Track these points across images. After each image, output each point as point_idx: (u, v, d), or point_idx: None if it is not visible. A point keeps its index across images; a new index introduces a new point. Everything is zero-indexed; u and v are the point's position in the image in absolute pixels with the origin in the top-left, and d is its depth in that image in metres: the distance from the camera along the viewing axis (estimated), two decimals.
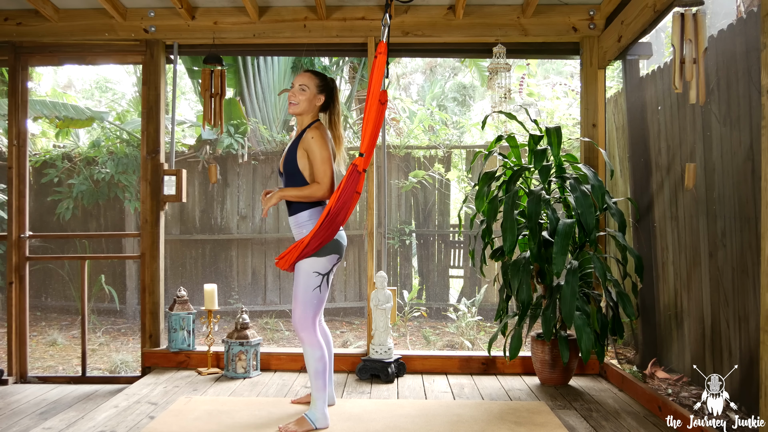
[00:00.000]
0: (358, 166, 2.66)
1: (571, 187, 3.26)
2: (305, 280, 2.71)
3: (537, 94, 7.35)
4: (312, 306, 2.72)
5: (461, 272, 6.70)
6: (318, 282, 2.71)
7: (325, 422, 2.74)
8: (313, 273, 2.71)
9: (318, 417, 2.73)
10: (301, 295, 2.72)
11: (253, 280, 6.69)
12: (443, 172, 6.49)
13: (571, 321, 3.12)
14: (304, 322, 2.72)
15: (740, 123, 3.00)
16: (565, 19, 3.80)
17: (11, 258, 3.95)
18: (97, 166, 6.63)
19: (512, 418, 2.91)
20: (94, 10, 3.86)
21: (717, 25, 5.16)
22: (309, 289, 2.71)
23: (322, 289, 2.73)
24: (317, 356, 2.73)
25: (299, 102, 2.81)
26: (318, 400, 2.74)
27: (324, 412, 2.75)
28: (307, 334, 2.72)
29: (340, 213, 2.66)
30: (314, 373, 2.74)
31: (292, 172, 2.79)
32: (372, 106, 2.69)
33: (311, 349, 2.73)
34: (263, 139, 6.84)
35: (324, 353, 2.75)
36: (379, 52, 2.70)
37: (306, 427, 2.70)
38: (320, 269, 2.72)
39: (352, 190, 2.66)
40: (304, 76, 2.86)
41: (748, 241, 2.91)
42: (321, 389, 2.75)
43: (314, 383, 2.75)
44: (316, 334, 2.74)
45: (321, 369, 2.74)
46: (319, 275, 2.72)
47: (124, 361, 5.04)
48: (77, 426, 2.81)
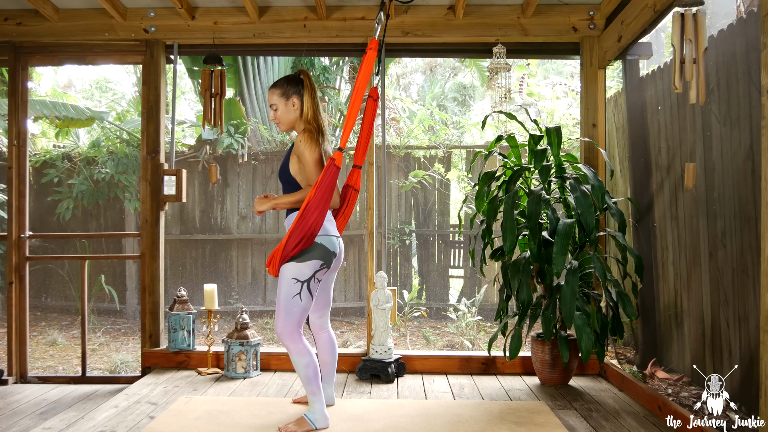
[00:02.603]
0: (335, 161, 2.57)
1: (571, 187, 3.26)
2: (285, 286, 2.63)
3: (537, 94, 7.35)
4: (292, 314, 2.63)
5: (461, 272, 6.70)
6: (297, 289, 2.61)
7: (325, 422, 2.73)
8: (291, 279, 2.62)
9: (317, 417, 2.71)
10: (281, 303, 2.64)
11: (253, 280, 6.69)
12: (443, 172, 6.49)
13: (571, 321, 3.12)
14: (285, 330, 2.64)
15: (740, 123, 3.00)
16: (565, 19, 3.80)
17: (11, 258, 3.95)
18: (97, 166, 6.64)
19: (512, 418, 2.91)
20: (94, 10, 3.86)
21: (717, 25, 5.16)
22: (289, 296, 2.62)
23: (302, 297, 2.62)
24: (304, 362, 2.66)
25: (280, 120, 2.78)
26: (315, 403, 2.72)
27: (323, 412, 2.73)
28: (290, 342, 2.65)
29: (316, 209, 2.56)
30: (305, 379, 2.69)
31: (286, 179, 2.77)
32: (356, 102, 2.63)
33: (298, 357, 2.66)
34: (263, 139, 6.84)
35: (312, 358, 2.67)
36: (369, 48, 2.68)
37: (306, 428, 2.69)
38: (298, 275, 2.61)
39: (329, 184, 2.57)
40: (269, 93, 2.80)
41: (748, 241, 2.91)
42: (316, 392, 2.71)
43: (308, 388, 2.71)
44: (300, 341, 2.66)
45: (312, 374, 2.67)
46: (298, 282, 2.61)
47: (124, 361, 5.04)
48: (77, 426, 2.81)
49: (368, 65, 2.68)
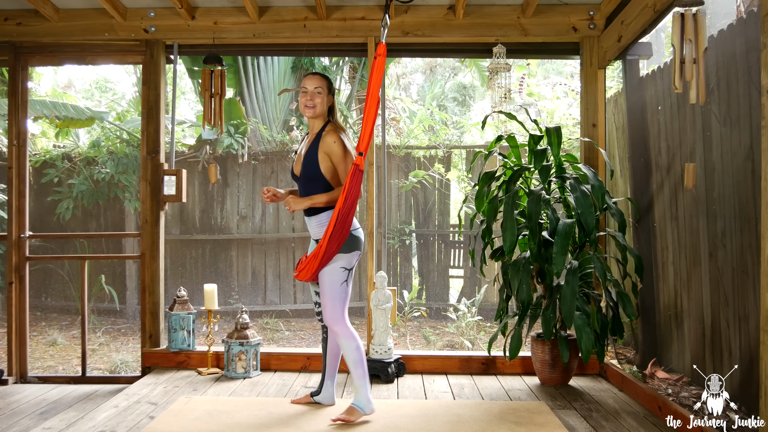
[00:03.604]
0: (359, 166, 2.69)
1: (571, 187, 3.26)
2: (331, 276, 2.79)
3: (537, 94, 7.35)
4: (340, 300, 2.81)
5: (461, 272, 6.70)
6: (344, 277, 2.81)
7: (371, 407, 2.86)
8: (339, 269, 2.79)
9: (364, 403, 2.83)
10: (329, 292, 2.80)
11: (253, 280, 6.69)
12: (443, 172, 6.49)
13: (571, 321, 3.12)
14: (335, 316, 2.81)
15: (740, 123, 3.00)
16: (565, 19, 3.80)
17: (11, 258, 3.95)
18: (97, 166, 6.63)
19: (512, 418, 2.91)
20: (94, 10, 3.86)
21: (717, 25, 5.15)
22: (336, 284, 2.79)
23: (348, 283, 2.83)
24: (353, 347, 2.82)
25: (316, 105, 2.87)
26: (361, 387, 2.84)
27: (368, 397, 2.86)
28: (340, 327, 2.82)
29: (349, 214, 2.71)
30: (353, 363, 2.83)
31: (313, 177, 2.83)
32: (372, 107, 2.70)
33: (346, 341, 2.82)
34: (263, 139, 6.84)
35: (359, 343, 2.84)
36: (378, 53, 2.71)
37: (357, 415, 2.81)
38: (345, 264, 2.81)
39: (358, 190, 2.71)
40: (316, 79, 2.89)
41: (748, 241, 2.91)
42: (362, 377, 2.84)
43: (354, 372, 2.84)
44: (349, 327, 2.83)
45: (359, 358, 2.83)
46: (345, 270, 2.80)
47: (124, 361, 5.04)
48: (77, 426, 2.81)
49: (379, 71, 2.72)
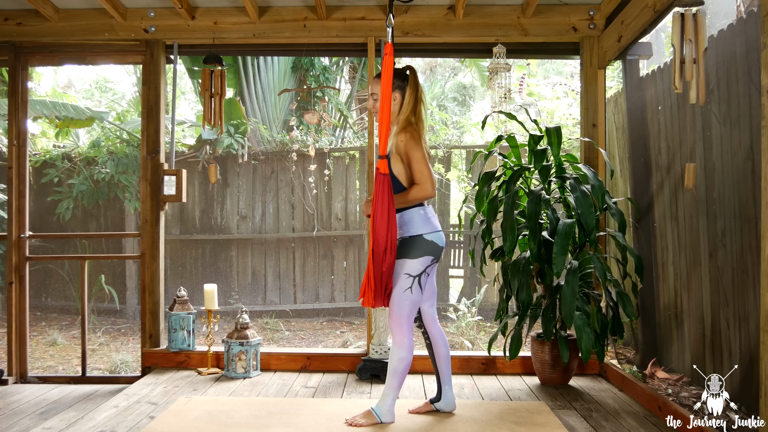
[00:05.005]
0: (380, 170, 2.65)
1: (571, 187, 3.26)
2: (398, 281, 2.73)
3: (537, 94, 7.35)
4: (403, 307, 2.72)
5: (461, 272, 6.70)
6: (409, 284, 2.71)
7: (391, 418, 2.80)
8: (404, 275, 2.72)
9: (384, 412, 2.79)
10: (394, 296, 2.73)
11: (253, 280, 6.69)
12: (443, 172, 6.48)
13: (571, 321, 3.12)
14: (396, 322, 2.74)
15: (740, 123, 3.00)
16: (565, 19, 3.80)
17: (11, 258, 3.95)
18: (97, 166, 6.64)
19: (512, 418, 2.91)
20: (94, 10, 3.86)
21: (717, 25, 5.16)
22: (401, 290, 2.72)
23: (413, 291, 2.72)
24: (401, 356, 2.75)
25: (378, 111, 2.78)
26: (388, 397, 2.80)
27: (391, 408, 2.80)
28: (398, 332, 2.74)
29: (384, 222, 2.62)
30: (392, 371, 2.77)
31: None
32: (386, 109, 2.66)
33: (397, 348, 2.75)
34: (263, 139, 6.84)
35: (408, 357, 2.75)
36: (386, 53, 2.71)
37: (372, 420, 2.77)
38: (411, 271, 2.72)
39: (390, 195, 2.64)
40: (373, 83, 2.86)
41: (748, 241, 2.91)
42: (395, 387, 2.79)
43: (389, 380, 2.79)
44: (407, 335, 2.74)
45: (400, 370, 2.75)
46: (410, 277, 2.72)
47: (124, 361, 5.04)
48: (77, 426, 2.81)
49: (388, 70, 2.68)
